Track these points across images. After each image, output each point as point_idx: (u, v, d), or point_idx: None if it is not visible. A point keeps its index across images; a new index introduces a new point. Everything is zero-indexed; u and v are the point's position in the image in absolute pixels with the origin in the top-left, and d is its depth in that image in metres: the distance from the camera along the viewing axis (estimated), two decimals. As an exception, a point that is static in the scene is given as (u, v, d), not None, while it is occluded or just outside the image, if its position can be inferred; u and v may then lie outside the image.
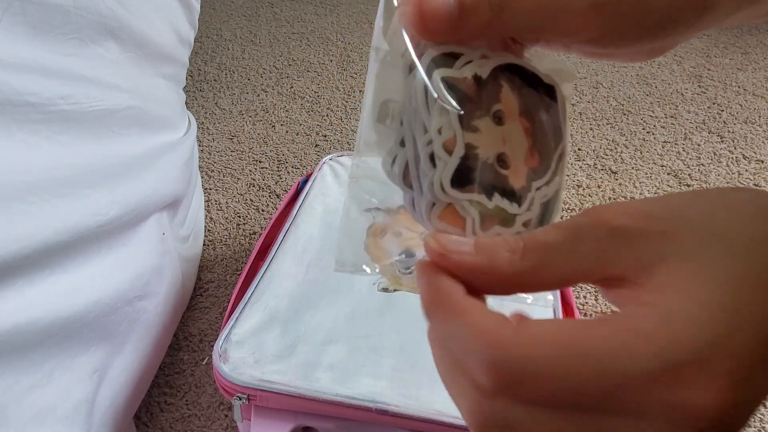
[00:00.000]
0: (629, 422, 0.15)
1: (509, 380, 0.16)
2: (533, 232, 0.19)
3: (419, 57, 0.20)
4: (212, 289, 0.86)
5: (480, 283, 0.19)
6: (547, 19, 0.19)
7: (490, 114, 0.21)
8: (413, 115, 0.21)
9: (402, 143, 0.21)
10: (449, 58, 0.20)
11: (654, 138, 1.17)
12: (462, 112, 0.20)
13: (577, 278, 0.19)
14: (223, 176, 1.08)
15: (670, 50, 0.21)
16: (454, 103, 0.20)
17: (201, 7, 0.87)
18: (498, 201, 0.21)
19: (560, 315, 0.61)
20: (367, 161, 0.23)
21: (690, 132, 1.18)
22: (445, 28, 0.19)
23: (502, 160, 0.21)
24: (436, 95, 0.20)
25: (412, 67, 0.21)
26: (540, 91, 0.22)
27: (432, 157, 0.20)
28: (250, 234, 0.96)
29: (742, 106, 1.25)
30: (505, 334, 0.17)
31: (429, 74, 0.20)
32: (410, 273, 0.25)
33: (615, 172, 1.08)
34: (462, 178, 0.20)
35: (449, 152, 0.20)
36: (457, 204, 0.21)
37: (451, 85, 0.20)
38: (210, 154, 1.14)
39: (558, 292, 0.63)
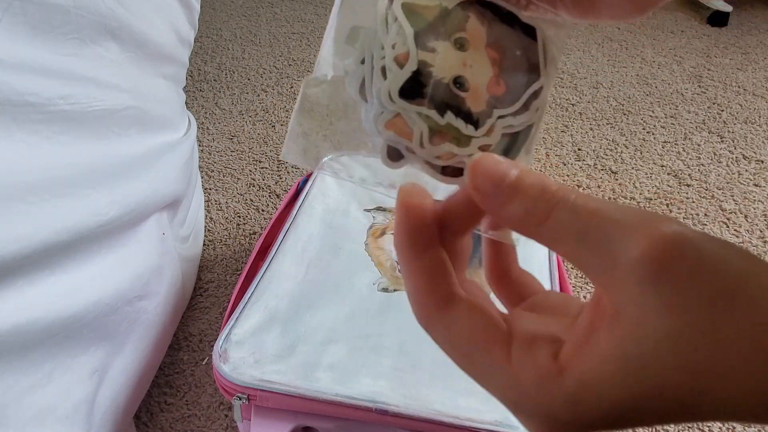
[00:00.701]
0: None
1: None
2: (574, 195, 0.17)
3: None
4: (212, 289, 0.86)
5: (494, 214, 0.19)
6: None
7: (450, 39, 0.21)
8: (373, 37, 0.22)
9: (362, 62, 0.22)
10: None
11: (654, 138, 1.17)
12: (416, 30, 0.21)
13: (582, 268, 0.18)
14: (223, 176, 1.08)
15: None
16: (407, 23, 0.21)
17: (201, 7, 0.87)
18: (451, 119, 0.21)
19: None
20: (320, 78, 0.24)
21: (690, 132, 1.18)
22: None
23: (459, 82, 0.21)
24: (395, 17, 0.21)
25: None
26: (516, 28, 0.22)
27: (384, 70, 0.21)
28: (250, 234, 0.96)
29: (742, 106, 1.25)
30: (554, 395, 0.17)
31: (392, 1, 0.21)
32: None
33: (615, 172, 1.08)
34: (412, 90, 0.21)
35: (400, 66, 0.21)
36: (405, 114, 0.21)
37: (412, 11, 0.21)
38: (210, 154, 1.14)
39: (556, 270, 0.65)
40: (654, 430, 0.67)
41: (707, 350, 0.15)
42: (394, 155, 0.21)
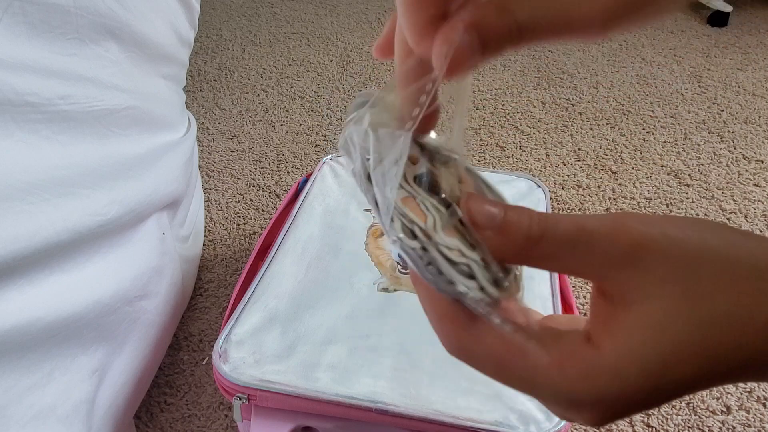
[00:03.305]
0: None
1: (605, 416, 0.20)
2: (555, 221, 0.19)
3: None
4: (212, 289, 0.86)
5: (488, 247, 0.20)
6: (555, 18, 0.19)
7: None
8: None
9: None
10: None
11: (654, 138, 1.17)
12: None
13: (578, 275, 0.20)
14: (223, 176, 1.08)
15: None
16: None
17: (201, 7, 0.87)
18: (456, 223, 0.22)
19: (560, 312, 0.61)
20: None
21: (690, 132, 1.18)
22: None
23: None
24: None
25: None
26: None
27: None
28: (250, 234, 0.96)
29: (742, 106, 1.25)
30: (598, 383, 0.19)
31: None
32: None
33: (615, 172, 1.08)
34: (425, 183, 0.22)
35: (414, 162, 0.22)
36: (419, 199, 0.22)
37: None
38: (210, 154, 1.14)
39: (558, 292, 0.63)
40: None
41: (705, 310, 0.18)
42: (409, 234, 0.22)
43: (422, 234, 0.21)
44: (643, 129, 1.20)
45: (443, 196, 0.22)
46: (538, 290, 0.63)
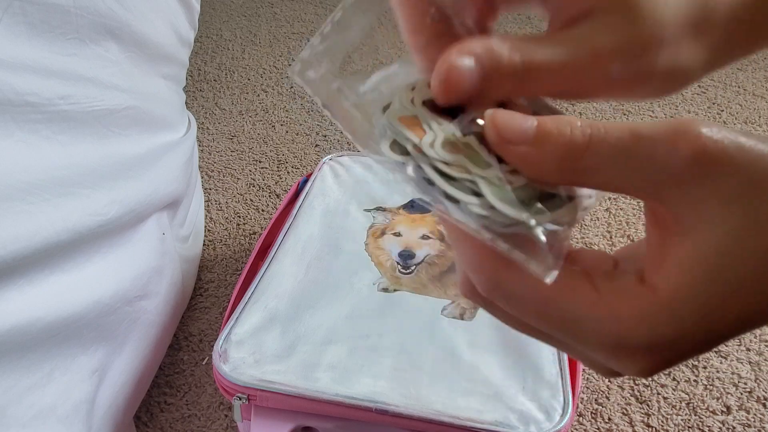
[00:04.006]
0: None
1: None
2: (603, 128, 0.17)
3: None
4: (212, 289, 0.86)
5: (527, 168, 0.18)
6: (573, 88, 0.19)
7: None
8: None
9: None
10: None
11: (654, 138, 1.17)
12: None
13: (627, 193, 0.18)
14: (223, 176, 1.08)
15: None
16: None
17: (201, 7, 0.87)
18: (473, 142, 0.19)
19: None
20: None
21: (690, 132, 1.18)
22: (464, 97, 0.18)
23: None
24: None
25: None
26: None
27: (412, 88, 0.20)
28: (250, 234, 0.96)
29: (742, 106, 1.25)
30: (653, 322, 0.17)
31: None
32: (410, 273, 0.24)
33: (615, 172, 1.08)
34: (437, 107, 0.20)
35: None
36: (422, 118, 0.19)
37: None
38: (210, 154, 1.14)
39: None
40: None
41: None
42: (397, 150, 0.19)
43: (414, 150, 0.18)
44: (643, 129, 1.20)
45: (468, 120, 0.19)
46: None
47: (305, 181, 0.80)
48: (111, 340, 0.59)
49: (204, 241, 0.94)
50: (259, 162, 1.12)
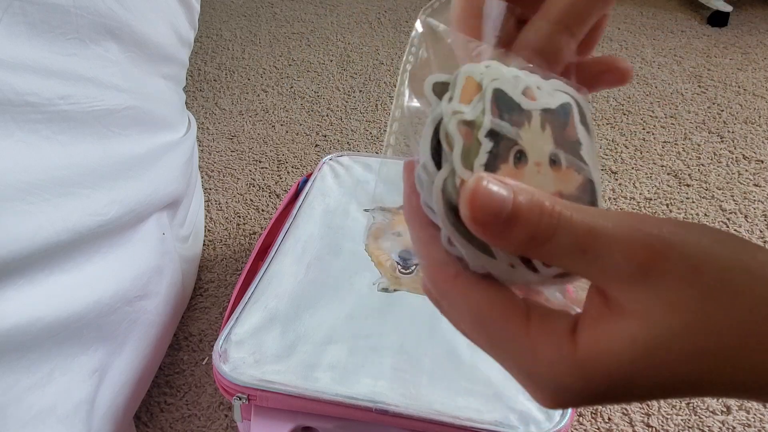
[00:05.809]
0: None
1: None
2: (573, 223, 0.18)
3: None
4: (212, 289, 0.86)
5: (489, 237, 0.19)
6: None
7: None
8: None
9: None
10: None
11: (654, 138, 1.17)
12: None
13: (581, 276, 0.20)
14: (223, 176, 1.08)
15: None
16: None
17: (201, 7, 0.87)
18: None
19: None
20: None
21: (690, 132, 1.18)
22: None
23: (518, 155, 0.20)
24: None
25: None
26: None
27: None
28: (250, 234, 0.96)
29: (742, 106, 1.25)
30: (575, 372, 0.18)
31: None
32: (410, 273, 0.25)
33: (615, 172, 1.08)
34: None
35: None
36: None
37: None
38: (210, 154, 1.14)
39: None
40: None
41: (704, 339, 0.17)
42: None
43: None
44: (643, 129, 1.20)
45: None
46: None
47: (305, 181, 0.80)
48: (111, 340, 0.59)
49: (204, 241, 0.94)
50: (259, 162, 1.12)
